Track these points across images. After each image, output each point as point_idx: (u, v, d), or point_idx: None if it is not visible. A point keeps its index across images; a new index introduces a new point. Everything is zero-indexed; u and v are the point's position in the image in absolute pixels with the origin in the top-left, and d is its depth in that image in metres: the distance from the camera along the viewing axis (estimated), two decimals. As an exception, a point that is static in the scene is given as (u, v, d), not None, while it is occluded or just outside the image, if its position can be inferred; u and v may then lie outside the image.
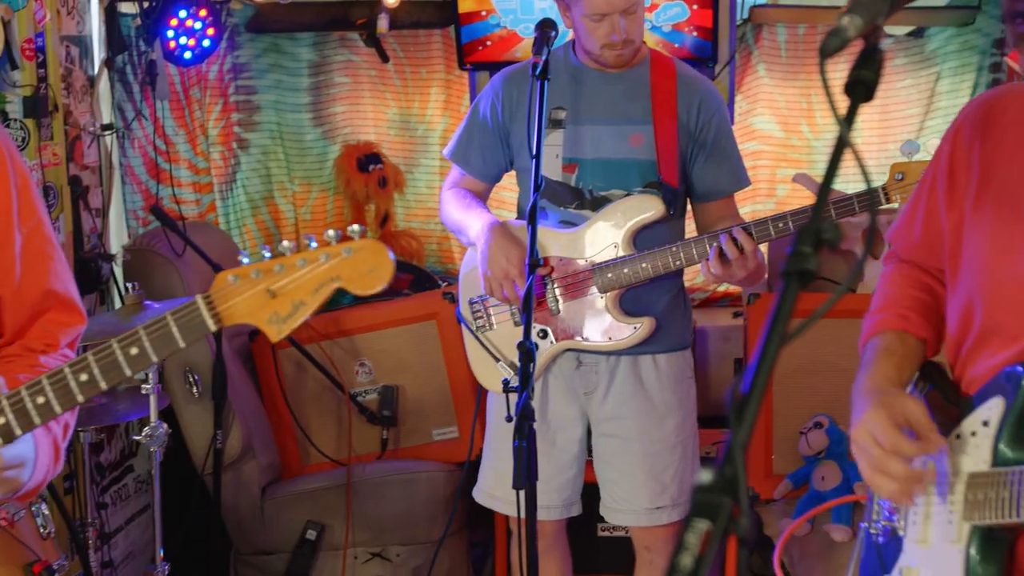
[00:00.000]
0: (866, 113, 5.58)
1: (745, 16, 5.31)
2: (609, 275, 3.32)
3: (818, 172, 5.57)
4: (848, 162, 5.52)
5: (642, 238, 3.35)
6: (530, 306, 2.88)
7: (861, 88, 1.45)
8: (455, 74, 5.65)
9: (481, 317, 3.48)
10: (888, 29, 5.51)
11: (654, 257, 3.29)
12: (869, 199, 3.17)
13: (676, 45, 4.96)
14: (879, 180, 3.11)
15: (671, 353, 3.49)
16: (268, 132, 5.63)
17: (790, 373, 4.51)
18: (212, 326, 2.02)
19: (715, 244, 3.19)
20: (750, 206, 5.70)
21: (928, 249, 2.09)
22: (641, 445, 3.46)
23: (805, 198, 5.37)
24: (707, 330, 5.09)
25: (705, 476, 1.18)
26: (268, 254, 2.02)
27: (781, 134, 5.66)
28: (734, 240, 3.14)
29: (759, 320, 4.54)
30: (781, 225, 3.24)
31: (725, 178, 3.46)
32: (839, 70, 5.47)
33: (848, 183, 5.00)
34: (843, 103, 1.47)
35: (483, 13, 5.01)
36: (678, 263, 3.27)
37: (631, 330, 3.36)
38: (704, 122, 3.38)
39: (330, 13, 5.36)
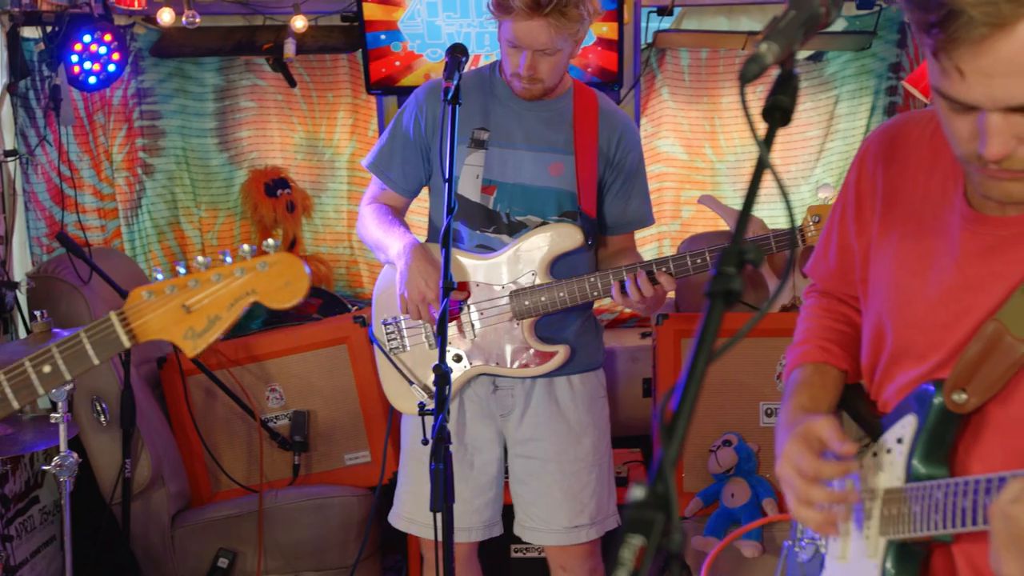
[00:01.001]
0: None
1: (649, 41, 5.39)
2: (526, 302, 3.34)
3: (722, 194, 5.67)
4: (741, 181, 5.61)
5: (558, 267, 3.37)
6: (445, 329, 2.88)
7: (778, 113, 1.49)
8: (362, 98, 5.66)
9: (395, 339, 3.48)
10: (788, 53, 5.62)
11: (571, 286, 3.31)
12: (787, 239, 3.25)
13: (583, 68, 5.02)
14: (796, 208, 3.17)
15: (585, 373, 3.52)
16: (173, 157, 5.59)
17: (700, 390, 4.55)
18: (127, 342, 2.01)
19: (619, 280, 3.24)
20: (655, 227, 5.78)
21: (842, 276, 2.14)
22: (559, 465, 3.48)
23: (710, 219, 5.46)
24: (615, 351, 5.14)
25: (637, 492, 1.20)
26: (183, 270, 2.01)
27: (685, 156, 5.75)
28: (636, 282, 3.21)
29: (667, 340, 4.60)
30: (699, 262, 3.27)
31: (633, 213, 3.50)
32: (731, 95, 5.57)
33: (764, 209, 5.08)
34: (761, 127, 1.51)
35: (387, 39, 5.02)
36: (595, 294, 3.29)
37: (547, 357, 3.38)
38: (622, 156, 3.41)
39: (236, 38, 5.33)
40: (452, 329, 3.39)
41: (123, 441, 4.12)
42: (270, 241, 2.08)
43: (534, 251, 3.36)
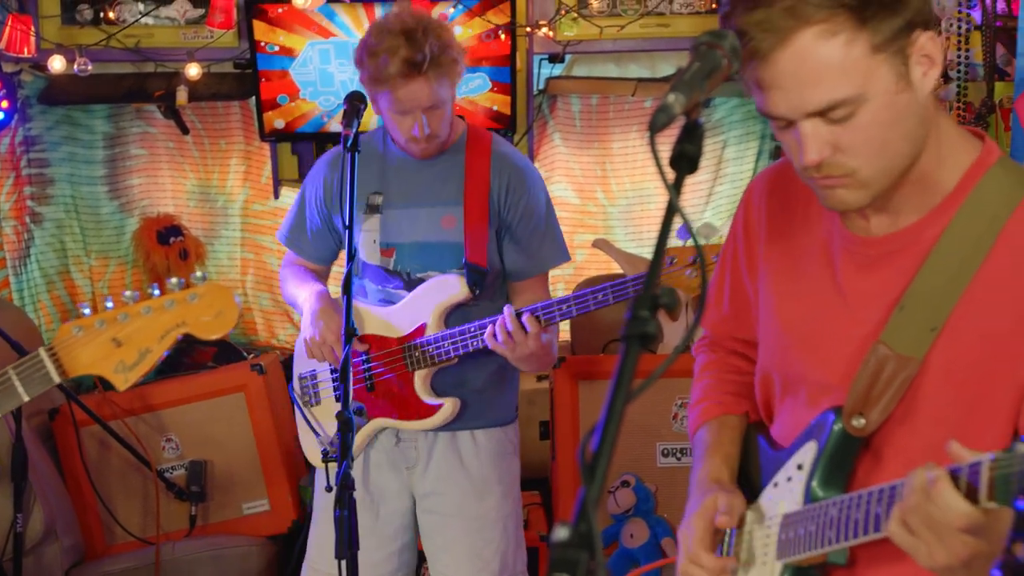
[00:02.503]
0: (656, 181, 5.80)
1: (541, 87, 5.46)
2: (417, 354, 3.33)
3: (614, 237, 5.75)
4: (633, 224, 5.66)
5: (455, 317, 3.36)
6: (348, 375, 2.87)
7: (685, 161, 1.54)
8: (255, 145, 5.64)
9: (308, 392, 3.47)
10: (677, 99, 5.73)
11: (455, 338, 3.29)
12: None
13: (478, 115, 5.08)
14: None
15: (490, 429, 3.49)
16: (63, 205, 5.51)
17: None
18: (56, 377, 2.00)
19: (490, 326, 3.22)
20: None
21: (737, 319, 2.17)
22: (461, 521, 3.45)
23: (603, 263, 5.52)
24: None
25: (561, 532, 1.23)
26: (111, 304, 2.01)
27: (577, 200, 5.82)
28: (504, 325, 3.17)
29: (564, 383, 4.64)
30: (564, 308, 3.21)
31: (534, 258, 3.45)
32: (621, 140, 5.65)
33: (646, 247, 5.18)
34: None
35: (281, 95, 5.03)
36: (475, 344, 3.25)
37: (434, 412, 3.38)
38: (514, 202, 3.38)
39: (126, 85, 5.28)
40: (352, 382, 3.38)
41: (15, 495, 4.03)
42: (198, 273, 2.09)
43: (423, 303, 3.35)
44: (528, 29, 5.08)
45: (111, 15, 4.93)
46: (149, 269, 5.55)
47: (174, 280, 2.05)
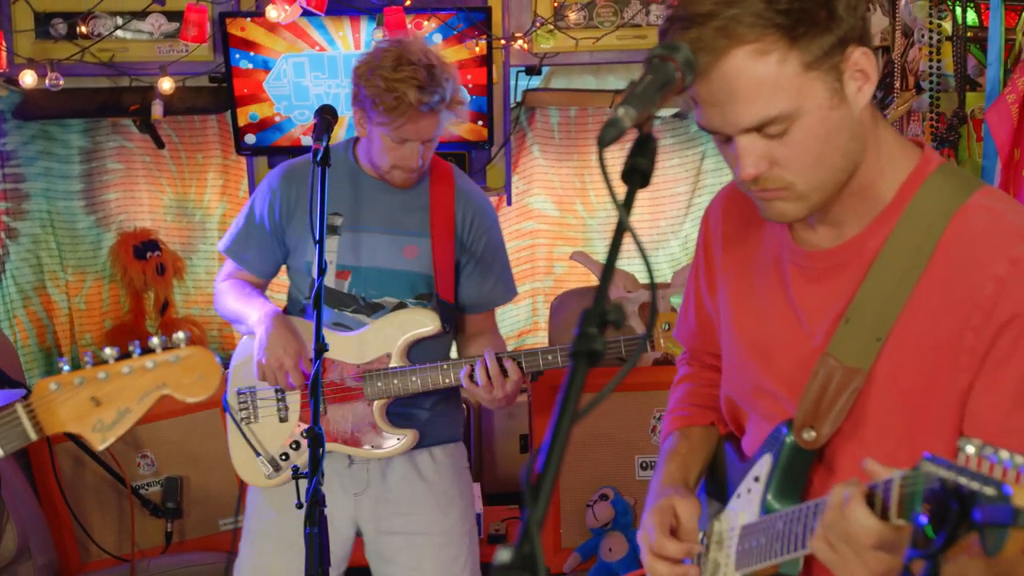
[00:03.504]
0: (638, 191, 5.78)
1: (519, 100, 5.45)
2: (379, 384, 3.31)
3: (594, 250, 5.74)
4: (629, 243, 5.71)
5: (418, 350, 3.35)
6: (319, 389, 2.85)
7: (637, 175, 1.53)
8: (232, 159, 5.63)
9: (246, 409, 3.39)
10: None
11: (425, 373, 3.28)
12: (636, 345, 3.28)
13: (453, 130, 5.06)
14: (655, 261, 3.22)
15: (446, 445, 3.49)
16: (38, 220, 5.48)
17: (574, 446, 4.60)
18: (33, 435, 1.98)
19: (468, 366, 3.23)
20: (529, 284, 5.83)
21: (703, 335, 2.20)
22: (429, 538, 3.42)
23: (582, 275, 5.51)
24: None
25: (503, 555, 1.21)
26: (91, 361, 1.99)
27: (557, 213, 5.81)
28: (487, 368, 3.19)
29: (543, 396, 4.63)
30: (551, 358, 3.26)
31: (488, 293, 3.48)
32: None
33: (636, 263, 5.16)
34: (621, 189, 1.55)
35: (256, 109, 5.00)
36: (447, 381, 3.27)
37: (394, 441, 3.34)
38: (476, 237, 3.40)
39: (101, 99, 5.25)
40: (302, 404, 3.35)
41: (-13, 514, 4.01)
42: (180, 334, 2.08)
43: (391, 333, 3.33)
44: (503, 41, 5.07)
45: (82, 29, 4.89)
46: (126, 284, 5.52)
47: (156, 340, 2.03)
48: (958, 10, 3.17)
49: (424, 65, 3.14)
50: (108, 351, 1.99)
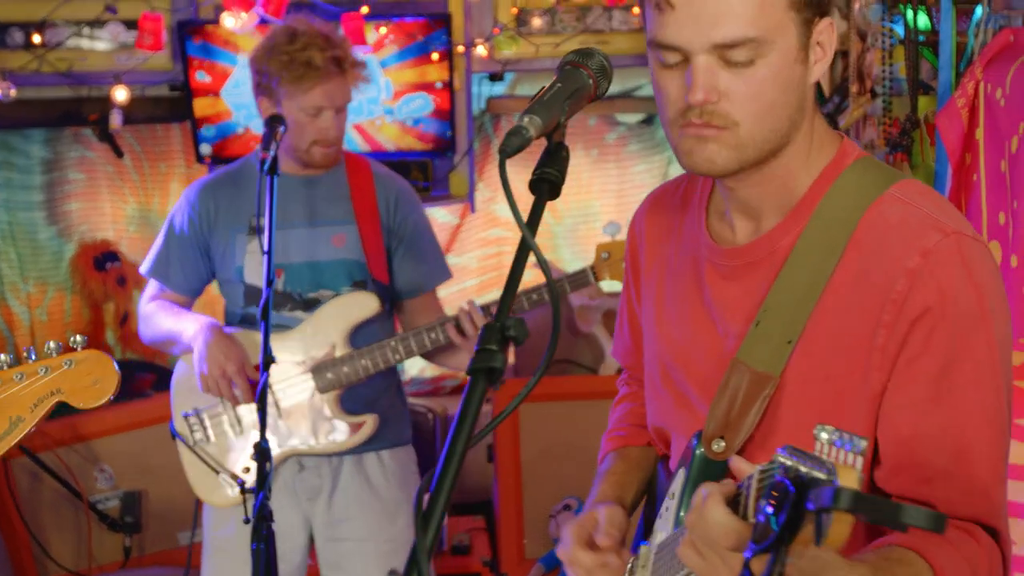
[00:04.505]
0: (604, 198, 5.77)
1: (483, 107, 5.42)
2: (329, 375, 3.29)
3: (560, 256, 5.71)
4: (579, 243, 5.63)
5: (357, 336, 3.33)
6: (264, 402, 2.82)
7: (545, 185, 1.50)
8: (195, 167, 5.57)
9: (198, 430, 3.36)
10: (621, 117, 5.72)
11: (373, 353, 3.28)
12: (580, 278, 3.31)
13: (418, 137, 5.03)
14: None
15: (395, 449, 3.46)
16: (-1, 232, 5.43)
17: (538, 456, 4.56)
18: None
19: (449, 324, 3.25)
20: (496, 291, 5.79)
21: (639, 351, 2.10)
22: (374, 545, 3.40)
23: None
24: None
25: (393, 581, 1.17)
26: None
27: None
28: (471, 316, 3.22)
29: (505, 403, 4.58)
30: (535, 297, 3.32)
31: (425, 274, 3.48)
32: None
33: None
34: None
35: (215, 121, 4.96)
36: (397, 357, 3.28)
37: (356, 428, 3.33)
38: (402, 218, 3.41)
39: (61, 109, 5.20)
40: (254, 413, 3.32)
41: (-61, 531, 3.95)
42: (78, 337, 2.04)
43: (331, 323, 3.31)
44: (460, 49, 5.03)
45: (35, 39, 4.84)
46: (87, 296, 5.48)
47: (52, 344, 1.99)
48: (909, 13, 3.14)
49: (317, 32, 3.24)
50: (2, 357, 1.95)
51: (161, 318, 3.39)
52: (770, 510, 1.26)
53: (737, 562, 1.43)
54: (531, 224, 1.47)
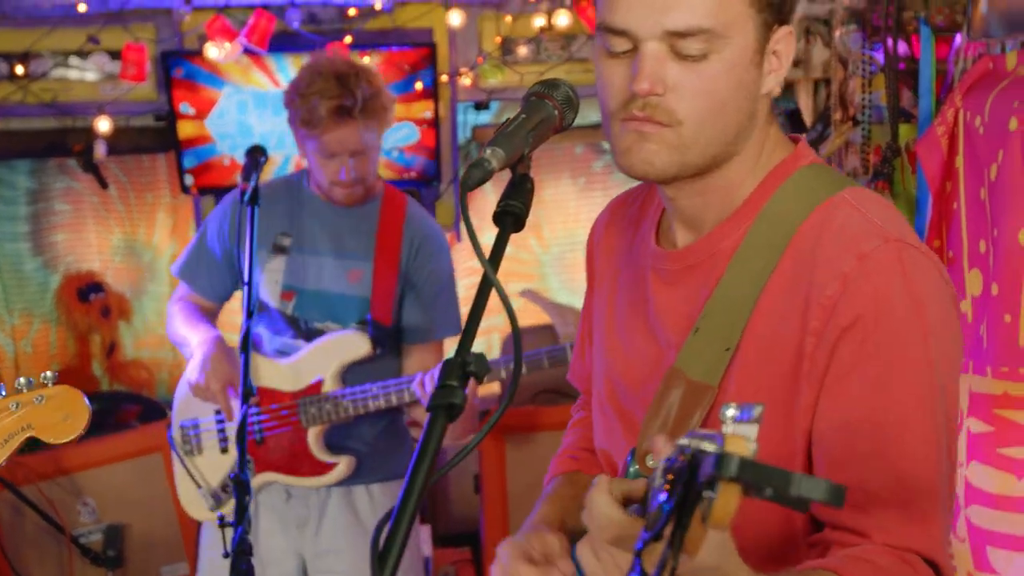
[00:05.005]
0: (581, 224, 5.75)
1: (469, 136, 5.41)
2: (312, 410, 3.29)
3: (548, 286, 5.69)
4: (566, 272, 5.62)
5: (353, 374, 3.33)
6: (244, 437, 2.80)
7: (509, 218, 1.48)
8: (181, 198, 5.56)
9: (189, 443, 3.39)
10: (608, 145, 5.71)
11: (355, 396, 3.28)
12: (558, 355, 3.43)
13: (404, 167, 5.02)
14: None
15: (387, 483, 3.45)
16: (-17, 263, 5.41)
17: (525, 488, 4.53)
18: None
19: (421, 374, 3.24)
20: (484, 320, 5.75)
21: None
22: None
23: (534, 312, 5.44)
24: (446, 448, 5.08)
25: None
26: None
27: (510, 248, 5.63)
28: (423, 384, 3.20)
29: (491, 437, 4.56)
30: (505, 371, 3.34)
31: (430, 322, 3.45)
32: (553, 187, 5.68)
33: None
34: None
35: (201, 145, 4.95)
36: (377, 404, 3.26)
37: (329, 469, 3.32)
38: (421, 264, 3.39)
39: (46, 139, 5.19)
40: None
41: (-81, 565, 3.92)
42: (48, 373, 2.02)
43: (323, 359, 3.31)
44: (445, 78, 5.02)
45: (18, 70, 4.83)
46: (72, 327, 5.45)
47: (23, 380, 1.97)
48: (889, 41, 3.14)
49: (333, 75, 3.20)
50: None
51: (180, 321, 3.44)
52: (663, 496, 1.14)
53: (624, 561, 1.33)
54: (495, 258, 1.45)
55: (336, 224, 3.37)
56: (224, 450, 3.36)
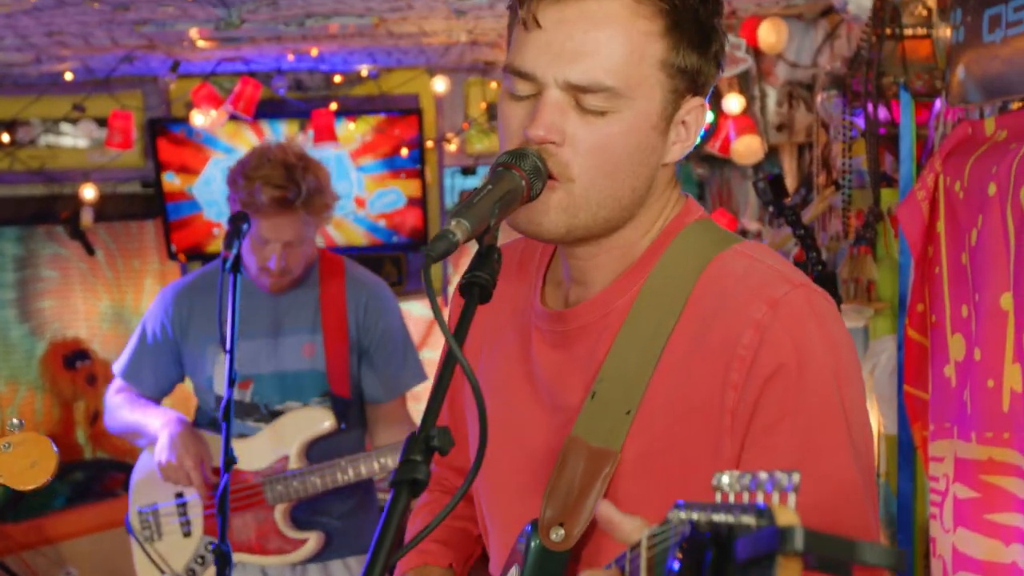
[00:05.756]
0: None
1: (456, 200, 5.42)
2: (279, 488, 3.24)
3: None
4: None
5: (317, 449, 3.28)
6: (226, 506, 2.78)
7: (476, 289, 1.44)
8: (169, 264, 5.56)
9: (148, 528, 3.32)
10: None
11: (323, 471, 3.23)
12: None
13: (392, 232, 5.02)
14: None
15: (363, 556, 3.40)
16: (-31, 330, 5.40)
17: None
18: None
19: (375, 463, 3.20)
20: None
21: (462, 446, 1.82)
22: None
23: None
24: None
25: None
26: None
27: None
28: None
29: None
30: None
31: (393, 377, 3.41)
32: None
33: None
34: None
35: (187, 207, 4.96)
36: (346, 478, 3.21)
37: (299, 546, 3.27)
38: (371, 324, 3.35)
39: (34, 206, 5.21)
40: (203, 517, 3.27)
41: None
42: (15, 420, 2.00)
43: (287, 436, 3.27)
44: (430, 143, 5.04)
45: (5, 137, 4.85)
46: (57, 394, 5.44)
47: None
48: (870, 106, 3.14)
49: (280, 163, 3.15)
50: None
51: (127, 410, 3.37)
52: (676, 565, 1.03)
53: None
54: (461, 329, 1.41)
55: (277, 303, 3.32)
56: (187, 534, 3.29)
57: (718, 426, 1.46)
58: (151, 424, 3.27)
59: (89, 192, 4.85)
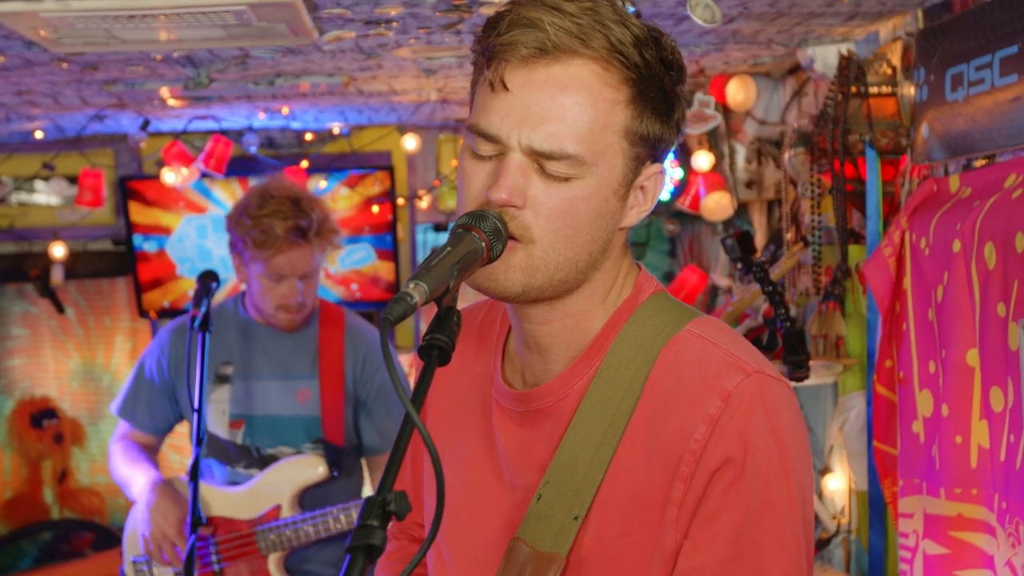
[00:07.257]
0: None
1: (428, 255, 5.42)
2: (272, 537, 3.23)
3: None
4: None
5: (310, 497, 3.27)
6: (192, 567, 2.76)
7: (435, 351, 1.43)
8: (140, 321, 5.53)
9: None
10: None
11: (316, 520, 3.22)
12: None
13: (363, 288, 5.01)
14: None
15: None
16: (-63, 389, 5.36)
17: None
18: None
19: None
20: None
21: (417, 497, 1.85)
22: None
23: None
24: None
25: None
26: None
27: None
28: None
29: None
30: None
31: (383, 435, 3.40)
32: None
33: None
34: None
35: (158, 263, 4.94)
36: (339, 527, 3.20)
37: None
38: (369, 376, 3.35)
39: (3, 265, 5.19)
40: (198, 567, 3.24)
41: None
42: None
43: (279, 484, 3.26)
44: (401, 200, 5.05)
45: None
46: (23, 453, 5.39)
47: None
48: (836, 164, 3.16)
49: (288, 197, 3.18)
50: None
51: (121, 462, 3.36)
52: None
53: None
54: (420, 392, 1.39)
55: (277, 347, 3.33)
56: None
57: (663, 518, 1.45)
58: (135, 484, 3.26)
59: (59, 250, 4.83)
